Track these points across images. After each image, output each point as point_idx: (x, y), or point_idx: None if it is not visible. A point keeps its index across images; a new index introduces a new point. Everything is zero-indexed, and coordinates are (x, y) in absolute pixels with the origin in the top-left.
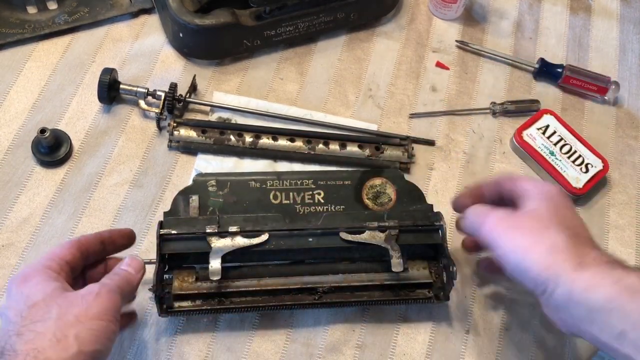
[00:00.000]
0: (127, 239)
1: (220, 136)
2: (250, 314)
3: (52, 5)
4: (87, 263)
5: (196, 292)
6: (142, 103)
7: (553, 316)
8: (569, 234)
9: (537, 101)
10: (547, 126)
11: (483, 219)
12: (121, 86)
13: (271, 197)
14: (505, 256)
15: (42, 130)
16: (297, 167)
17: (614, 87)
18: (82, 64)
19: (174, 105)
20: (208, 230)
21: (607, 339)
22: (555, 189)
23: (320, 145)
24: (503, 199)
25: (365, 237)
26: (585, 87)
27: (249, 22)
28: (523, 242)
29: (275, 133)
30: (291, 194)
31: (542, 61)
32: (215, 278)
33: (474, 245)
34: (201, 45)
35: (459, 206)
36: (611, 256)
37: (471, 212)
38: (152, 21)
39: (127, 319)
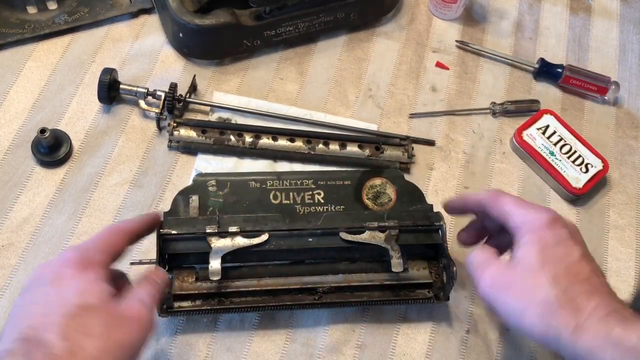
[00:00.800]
0: (156, 222)
1: (220, 136)
2: (250, 314)
3: (52, 5)
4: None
5: (196, 292)
6: (142, 103)
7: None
8: (562, 287)
9: (537, 101)
10: (547, 126)
11: (480, 274)
12: (121, 86)
13: (271, 197)
14: (505, 319)
15: (42, 130)
16: (297, 167)
17: (614, 87)
18: (82, 64)
19: (174, 105)
20: (208, 231)
21: None
22: (545, 221)
23: (320, 145)
24: (489, 216)
25: (365, 237)
26: (585, 87)
27: (249, 22)
28: (516, 305)
29: (275, 133)
30: (291, 194)
31: (542, 61)
32: (215, 278)
33: (469, 239)
34: (201, 45)
35: (449, 210)
36: (610, 299)
37: (469, 263)
38: (152, 21)
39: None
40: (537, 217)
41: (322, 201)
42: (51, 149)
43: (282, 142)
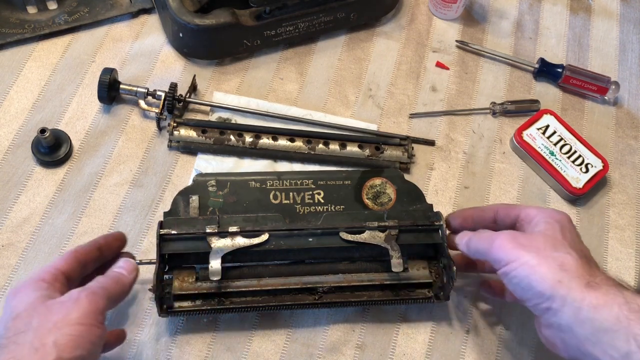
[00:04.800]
0: (121, 241)
1: (220, 136)
2: (250, 314)
3: (52, 5)
4: (86, 272)
5: (196, 292)
6: (142, 103)
7: (554, 337)
8: (578, 254)
9: (537, 101)
10: (547, 126)
11: (493, 238)
12: (121, 86)
13: (271, 197)
14: (513, 271)
15: (42, 130)
16: (297, 167)
17: (614, 87)
18: (82, 64)
19: (174, 105)
20: (208, 231)
21: None
22: (564, 215)
23: (320, 145)
24: (498, 223)
25: (365, 237)
26: (585, 87)
27: (249, 22)
28: (533, 258)
29: (275, 133)
30: (291, 194)
31: (542, 61)
32: (215, 278)
33: (464, 264)
34: (201, 45)
35: (456, 225)
36: (619, 280)
37: (479, 235)
38: (152, 21)
39: (115, 338)
40: (556, 212)
41: (322, 201)
42: (51, 149)
43: (282, 142)
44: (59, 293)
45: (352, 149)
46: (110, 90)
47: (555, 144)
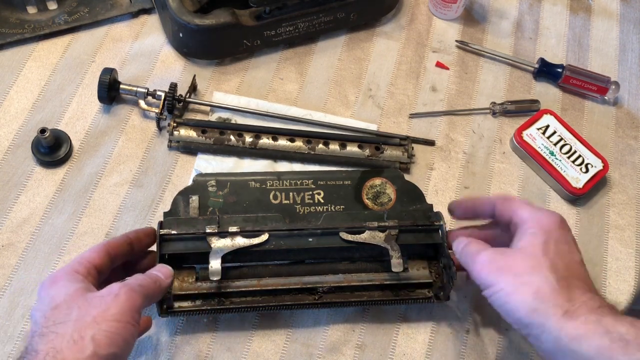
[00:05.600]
0: (151, 237)
1: (220, 136)
2: (250, 314)
3: (52, 5)
4: (115, 265)
5: (196, 292)
6: (142, 103)
7: (544, 357)
8: (559, 276)
9: (537, 101)
10: (547, 126)
11: (474, 258)
12: (121, 86)
13: (271, 197)
14: (492, 297)
15: (42, 130)
16: (297, 167)
17: (614, 87)
18: (82, 64)
19: (174, 105)
20: (208, 231)
21: None
22: (554, 220)
23: (320, 145)
24: (497, 218)
25: (366, 237)
26: (585, 87)
27: (249, 22)
28: (509, 284)
29: (275, 133)
30: (291, 194)
31: (542, 61)
32: (215, 278)
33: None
34: (201, 45)
35: (457, 212)
36: (602, 300)
37: (463, 250)
38: (152, 21)
39: (143, 326)
40: (547, 216)
41: (322, 201)
42: (51, 149)
43: (282, 142)
44: (93, 286)
45: (352, 149)
46: (110, 90)
47: (555, 144)
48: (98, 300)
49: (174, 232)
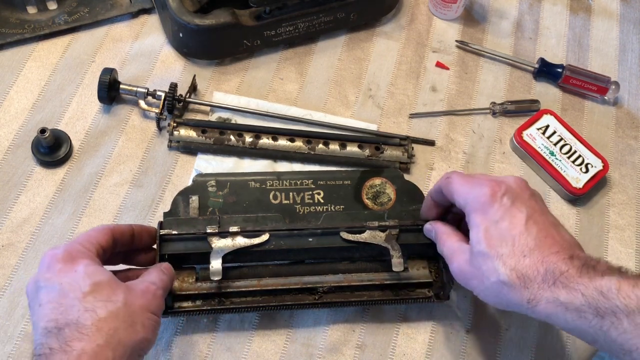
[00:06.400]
0: (152, 238)
1: (220, 136)
2: (250, 314)
3: (52, 5)
4: (114, 251)
5: (196, 292)
6: (142, 103)
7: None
8: (510, 266)
9: (537, 101)
10: (547, 126)
11: (450, 265)
12: (121, 86)
13: (271, 197)
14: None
15: (42, 130)
16: (297, 167)
17: (614, 87)
18: (82, 64)
19: (174, 105)
20: (209, 231)
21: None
22: (486, 194)
23: (320, 145)
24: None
25: (366, 236)
26: (585, 87)
27: (249, 22)
28: (478, 288)
29: (275, 133)
30: (291, 194)
31: (542, 61)
32: (216, 278)
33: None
34: (201, 45)
35: (427, 215)
36: (557, 263)
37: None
38: (152, 21)
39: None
40: (479, 194)
41: (322, 201)
42: (51, 149)
43: (282, 142)
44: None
45: (352, 149)
46: (110, 90)
47: (555, 144)
48: (141, 292)
49: (174, 232)
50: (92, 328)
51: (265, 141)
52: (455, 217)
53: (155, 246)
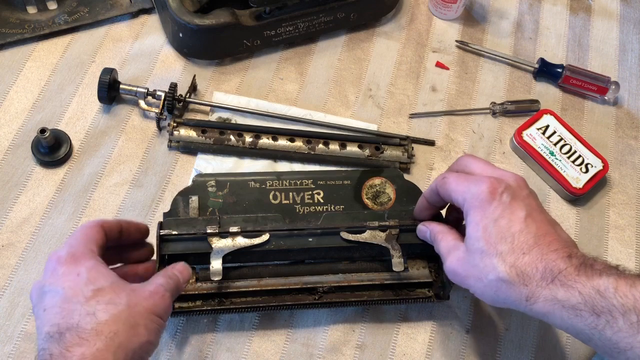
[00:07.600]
0: (141, 233)
1: (220, 136)
2: (250, 314)
3: (52, 5)
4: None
5: (196, 292)
6: (142, 103)
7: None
8: (508, 264)
9: (537, 101)
10: (547, 126)
11: (444, 262)
12: (121, 86)
13: (271, 197)
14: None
15: (42, 130)
16: (297, 167)
17: (614, 87)
18: (82, 64)
19: (174, 105)
20: (209, 231)
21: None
22: (484, 191)
23: (320, 145)
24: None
25: (366, 236)
26: (585, 87)
27: (249, 22)
28: (475, 286)
29: (275, 133)
30: (291, 194)
31: (542, 61)
32: (216, 278)
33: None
34: (201, 45)
35: (421, 216)
36: (556, 261)
37: (424, 227)
38: (152, 21)
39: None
40: (477, 191)
41: (322, 201)
42: (51, 149)
43: (282, 142)
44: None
45: (352, 149)
46: (110, 90)
47: (555, 144)
48: (147, 294)
49: (174, 232)
50: (91, 332)
51: (265, 141)
52: (455, 219)
53: (146, 241)
